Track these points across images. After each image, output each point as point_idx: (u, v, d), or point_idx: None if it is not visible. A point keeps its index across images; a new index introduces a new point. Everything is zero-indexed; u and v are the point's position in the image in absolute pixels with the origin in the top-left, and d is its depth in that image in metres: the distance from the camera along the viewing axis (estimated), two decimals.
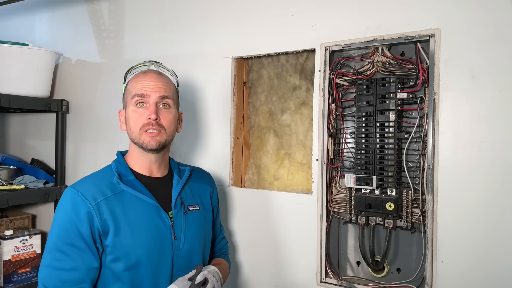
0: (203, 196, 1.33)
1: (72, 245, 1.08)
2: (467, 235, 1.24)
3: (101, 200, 1.11)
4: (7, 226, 2.00)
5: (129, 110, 1.18)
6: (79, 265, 1.07)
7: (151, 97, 1.16)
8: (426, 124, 1.31)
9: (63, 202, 1.13)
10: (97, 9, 2.04)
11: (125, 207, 1.13)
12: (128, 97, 1.20)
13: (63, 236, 1.09)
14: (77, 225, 1.09)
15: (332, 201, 1.48)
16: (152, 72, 1.21)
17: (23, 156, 2.30)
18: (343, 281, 1.42)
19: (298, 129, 1.64)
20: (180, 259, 1.19)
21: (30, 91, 1.96)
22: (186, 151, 1.75)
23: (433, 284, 1.28)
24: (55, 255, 1.08)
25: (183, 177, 1.27)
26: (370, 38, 1.38)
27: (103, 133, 2.00)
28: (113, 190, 1.14)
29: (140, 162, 1.22)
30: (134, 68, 1.25)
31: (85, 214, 1.09)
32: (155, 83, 1.17)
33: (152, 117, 1.14)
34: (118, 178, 1.16)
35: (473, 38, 1.24)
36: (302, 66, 1.63)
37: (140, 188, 1.17)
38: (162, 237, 1.16)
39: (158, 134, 1.16)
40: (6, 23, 2.38)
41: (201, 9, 1.74)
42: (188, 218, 1.23)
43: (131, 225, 1.12)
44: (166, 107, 1.19)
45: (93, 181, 1.17)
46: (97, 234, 1.10)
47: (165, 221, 1.18)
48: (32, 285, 1.90)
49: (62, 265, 1.07)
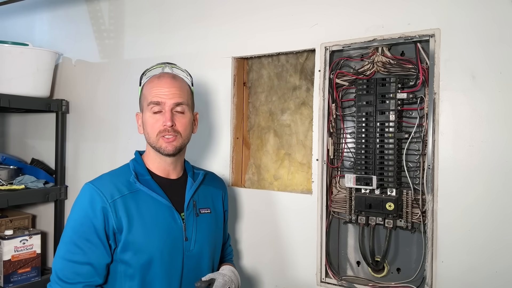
0: (216, 200, 1.35)
1: (86, 240, 1.11)
2: (467, 235, 1.24)
3: (118, 197, 1.14)
4: (7, 226, 1.99)
5: (146, 116, 1.21)
6: (92, 259, 1.10)
7: (166, 104, 1.18)
8: (426, 124, 1.31)
9: (81, 197, 1.16)
10: (97, 9, 2.04)
11: (140, 205, 1.16)
12: (144, 102, 1.22)
13: (79, 231, 1.12)
14: (92, 220, 1.11)
15: (332, 201, 1.48)
16: (167, 76, 1.22)
17: (23, 156, 2.30)
18: (343, 281, 1.42)
19: (298, 129, 1.64)
20: (190, 260, 1.20)
21: (30, 91, 1.95)
22: (186, 151, 1.74)
23: (433, 284, 1.28)
24: (69, 247, 1.12)
25: (196, 180, 1.29)
26: (370, 38, 1.38)
27: (103, 133, 2.00)
28: (129, 188, 1.17)
29: (157, 164, 1.24)
30: (149, 70, 1.27)
31: (101, 210, 1.12)
32: (169, 89, 1.18)
33: (168, 124, 1.17)
34: (135, 177, 1.18)
35: (473, 38, 1.24)
36: (302, 66, 1.63)
37: (155, 188, 1.19)
38: (174, 237, 1.18)
39: (174, 140, 1.19)
40: (6, 23, 2.38)
41: (201, 9, 1.74)
42: (199, 221, 1.24)
43: (145, 223, 1.15)
44: (181, 113, 1.21)
45: (111, 178, 1.19)
46: (112, 231, 1.13)
47: (178, 222, 1.19)
48: (32, 285, 1.90)
49: (76, 258, 1.10)
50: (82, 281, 1.09)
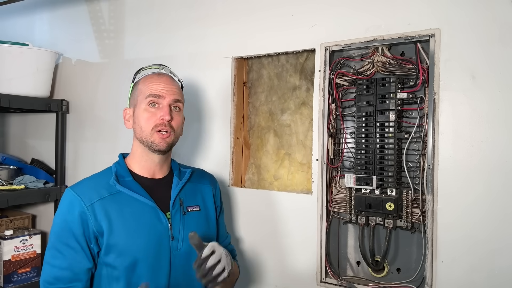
0: (206, 197, 1.34)
1: (66, 245, 1.12)
2: (467, 235, 1.24)
3: (96, 200, 1.14)
4: (7, 226, 1.99)
5: (140, 109, 1.20)
6: (72, 264, 1.12)
7: (166, 99, 1.20)
8: (426, 124, 1.31)
9: (61, 202, 1.18)
10: (97, 9, 2.04)
11: (121, 207, 1.16)
12: (139, 96, 1.22)
13: (59, 235, 1.14)
14: (70, 225, 1.13)
15: (332, 201, 1.48)
16: (166, 75, 1.26)
17: (23, 156, 2.29)
18: (343, 281, 1.42)
19: (298, 129, 1.64)
20: (178, 260, 1.19)
21: (30, 91, 1.95)
22: (186, 151, 1.75)
23: (433, 284, 1.28)
24: (52, 252, 1.14)
25: (182, 178, 1.28)
26: (370, 38, 1.38)
27: (103, 133, 2.00)
28: (109, 190, 1.17)
29: (142, 163, 1.23)
30: (145, 69, 1.29)
31: (79, 215, 1.12)
32: (169, 86, 1.22)
33: (167, 118, 1.18)
34: (115, 179, 1.18)
35: (473, 38, 1.24)
36: (302, 66, 1.63)
37: (137, 189, 1.19)
38: (159, 238, 1.18)
39: (168, 136, 1.19)
40: (6, 23, 2.38)
41: (201, 9, 1.74)
42: (187, 219, 1.23)
43: (127, 225, 1.14)
44: (177, 110, 1.23)
45: (92, 182, 1.20)
46: (92, 235, 1.13)
47: (163, 221, 1.19)
48: (32, 285, 1.90)
49: (57, 263, 1.12)
50: (63, 286, 1.10)
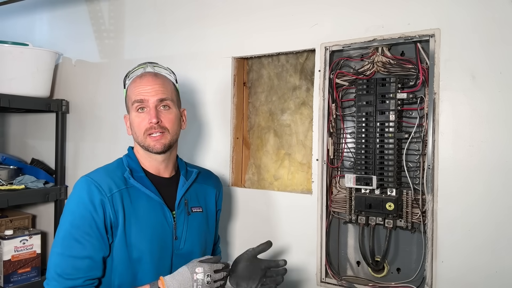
0: (208, 199, 1.34)
1: (86, 233, 1.10)
2: (467, 235, 1.24)
3: (115, 191, 1.13)
4: (7, 226, 2.00)
5: (132, 116, 1.21)
6: (92, 253, 1.10)
7: (150, 101, 1.17)
8: (426, 124, 1.31)
9: (78, 190, 1.13)
10: (97, 9, 2.04)
11: (134, 201, 1.16)
12: (129, 102, 1.22)
13: (78, 225, 1.10)
14: (92, 214, 1.10)
15: (332, 201, 1.48)
16: (148, 74, 1.22)
17: (23, 156, 2.30)
18: (343, 281, 1.42)
19: (298, 129, 1.64)
20: (179, 260, 1.19)
21: (30, 91, 1.95)
22: (187, 151, 1.75)
23: (433, 284, 1.28)
24: (68, 242, 1.10)
25: (189, 178, 1.28)
26: (370, 38, 1.38)
27: (103, 133, 2.00)
28: (125, 183, 1.17)
29: (148, 162, 1.24)
30: (131, 72, 1.26)
31: (100, 204, 1.11)
32: (152, 86, 1.18)
33: (154, 121, 1.16)
34: (129, 173, 1.18)
35: (473, 38, 1.24)
36: (302, 66, 1.63)
37: (149, 185, 1.19)
38: (164, 236, 1.18)
39: (162, 137, 1.18)
40: (6, 23, 2.38)
41: (201, 9, 1.74)
42: (190, 220, 1.24)
43: (139, 220, 1.15)
44: (166, 109, 1.20)
45: (107, 172, 1.18)
46: (109, 225, 1.12)
47: (168, 220, 1.19)
48: (32, 285, 1.90)
49: (75, 252, 1.09)
50: (82, 276, 1.08)
